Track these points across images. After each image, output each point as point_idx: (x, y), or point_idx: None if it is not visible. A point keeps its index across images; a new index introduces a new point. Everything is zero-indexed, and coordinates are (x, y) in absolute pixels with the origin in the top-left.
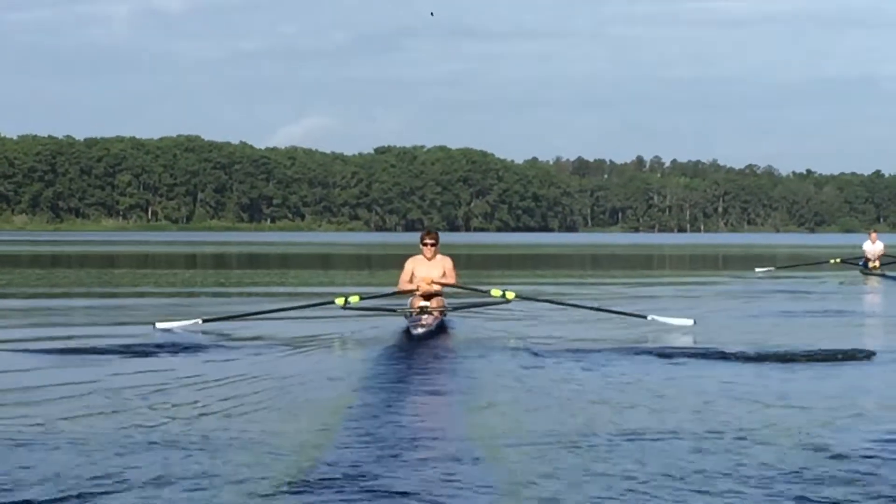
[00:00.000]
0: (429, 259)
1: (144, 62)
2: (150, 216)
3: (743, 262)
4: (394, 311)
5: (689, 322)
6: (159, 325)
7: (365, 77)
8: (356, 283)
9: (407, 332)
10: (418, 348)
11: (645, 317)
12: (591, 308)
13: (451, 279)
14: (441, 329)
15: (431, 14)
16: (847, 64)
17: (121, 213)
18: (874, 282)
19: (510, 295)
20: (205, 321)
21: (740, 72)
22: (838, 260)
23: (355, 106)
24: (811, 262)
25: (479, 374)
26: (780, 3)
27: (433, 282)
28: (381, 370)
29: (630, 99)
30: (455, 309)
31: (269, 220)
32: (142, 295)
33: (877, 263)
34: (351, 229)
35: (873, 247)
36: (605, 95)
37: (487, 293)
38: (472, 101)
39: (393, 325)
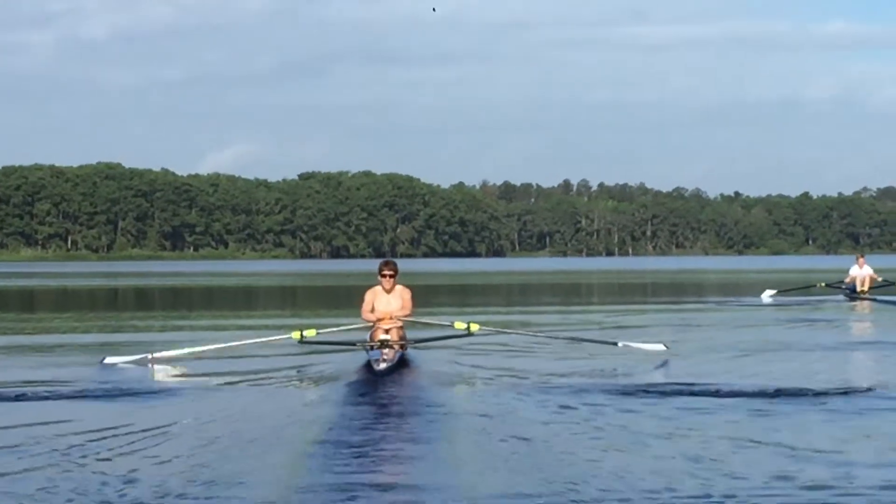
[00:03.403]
0: (387, 291)
1: (67, 90)
2: (69, 245)
3: (718, 289)
4: (353, 344)
5: (661, 347)
6: (107, 360)
7: (290, 103)
8: (315, 316)
9: (368, 366)
10: (381, 385)
11: (616, 343)
12: (561, 337)
13: (408, 310)
14: (403, 363)
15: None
16: (771, 86)
17: (40, 242)
18: (865, 308)
19: (474, 327)
20: (153, 357)
21: (666, 95)
22: (823, 284)
23: (280, 132)
24: (801, 287)
25: (443, 416)
26: (704, 27)
27: (394, 317)
28: (344, 411)
29: (556, 123)
30: (417, 342)
31: (191, 249)
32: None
33: (865, 288)
34: (275, 257)
35: (861, 271)
36: (531, 119)
37: (451, 326)
38: (398, 126)
39: (352, 359)
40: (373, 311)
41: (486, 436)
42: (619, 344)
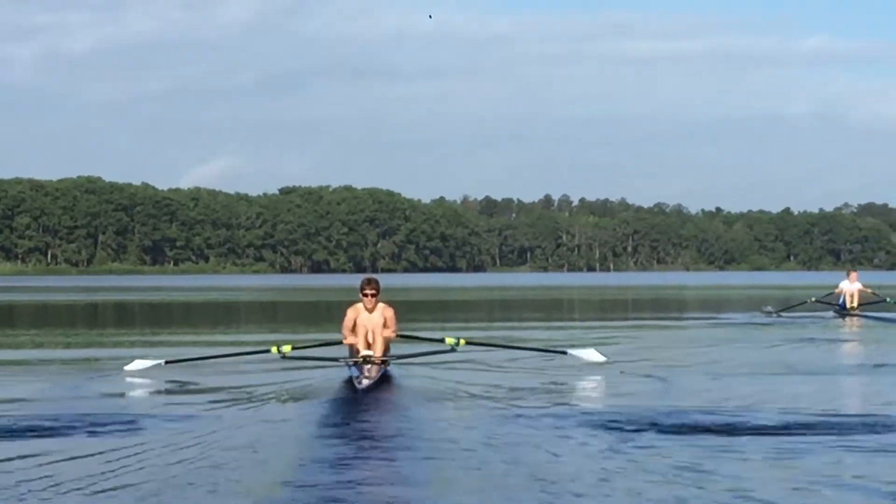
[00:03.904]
0: (369, 310)
1: (47, 104)
2: (49, 259)
3: (708, 306)
4: (336, 360)
5: (600, 357)
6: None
7: (271, 118)
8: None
9: (350, 383)
10: (363, 404)
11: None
12: (544, 350)
13: (392, 328)
14: (385, 380)
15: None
16: (753, 102)
17: (19, 256)
18: (855, 325)
19: (460, 342)
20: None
21: (648, 110)
22: (813, 299)
23: (262, 147)
24: (795, 304)
25: (429, 441)
26: (687, 42)
27: (376, 337)
28: (326, 431)
29: (537, 138)
30: (399, 358)
31: (172, 263)
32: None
33: (855, 304)
34: (256, 271)
35: (852, 286)
36: (512, 134)
37: (437, 340)
38: (379, 140)
39: (334, 375)
40: (354, 327)
41: (473, 457)
42: (568, 353)
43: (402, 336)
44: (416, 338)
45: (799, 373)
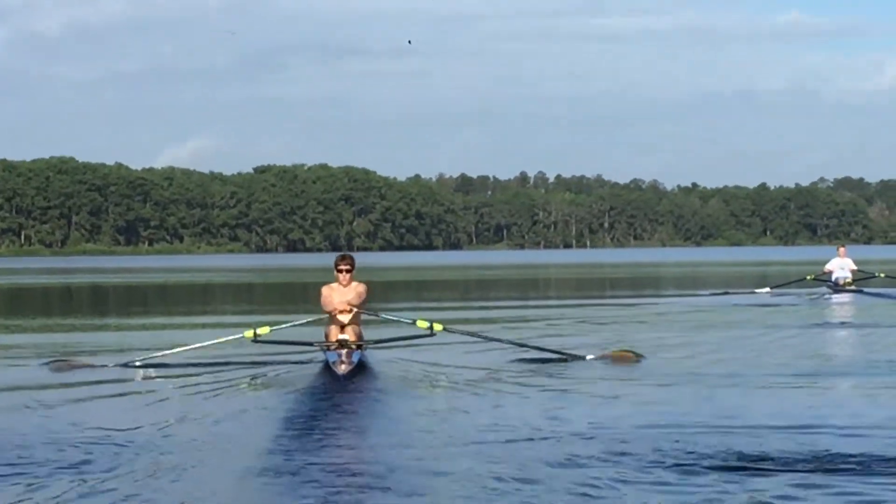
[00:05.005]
0: (344, 286)
1: (21, 84)
2: (23, 241)
3: (698, 283)
4: (310, 343)
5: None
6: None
7: (245, 97)
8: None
9: (328, 368)
10: (344, 391)
11: (583, 357)
12: (529, 346)
13: (363, 299)
14: (362, 365)
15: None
16: (727, 78)
17: None
18: (847, 301)
19: (437, 327)
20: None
21: (622, 87)
22: (811, 276)
23: (236, 126)
24: (792, 281)
25: (407, 423)
26: (661, 18)
27: (351, 305)
28: (307, 417)
29: (513, 115)
30: (376, 342)
31: (146, 243)
32: None
33: (849, 279)
34: (230, 251)
35: (843, 262)
36: (487, 112)
37: (413, 324)
38: (354, 119)
39: (310, 359)
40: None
41: (453, 444)
42: (587, 357)
43: (378, 317)
44: (392, 320)
45: (845, 373)
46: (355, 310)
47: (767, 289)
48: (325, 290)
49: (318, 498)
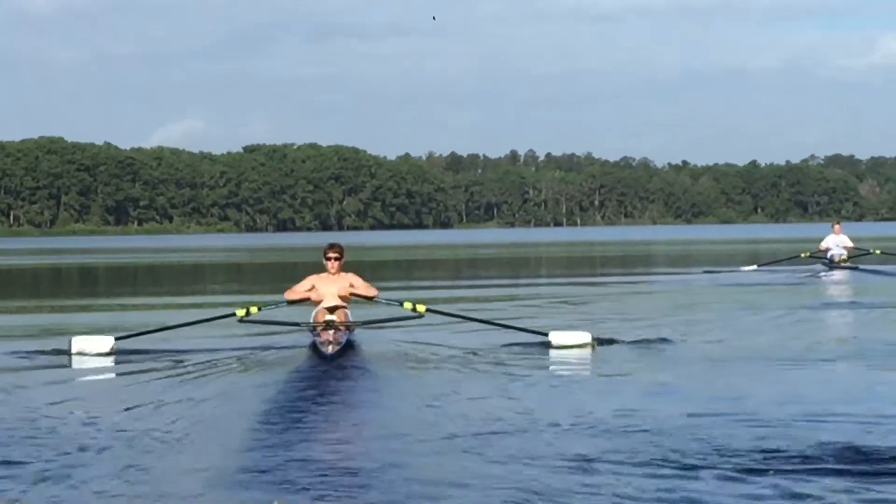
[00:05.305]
0: (332, 274)
1: (11, 64)
2: (12, 221)
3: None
4: (297, 324)
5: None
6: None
7: (235, 77)
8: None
9: (314, 348)
10: (332, 370)
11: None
12: (508, 326)
13: (367, 287)
14: (350, 346)
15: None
16: (718, 55)
17: None
18: (843, 278)
19: (420, 308)
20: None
21: (612, 65)
22: (806, 254)
23: (226, 106)
24: (785, 259)
25: (395, 405)
26: None
27: (340, 297)
28: (295, 397)
29: (503, 93)
30: (364, 323)
31: (135, 223)
32: None
33: (845, 256)
34: (220, 230)
35: (838, 238)
36: (477, 90)
37: (399, 305)
38: (343, 98)
39: (293, 340)
40: (312, 290)
41: (441, 427)
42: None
43: (357, 296)
44: (379, 301)
45: (863, 356)
46: (342, 304)
47: (755, 266)
48: (309, 279)
49: (296, 483)
